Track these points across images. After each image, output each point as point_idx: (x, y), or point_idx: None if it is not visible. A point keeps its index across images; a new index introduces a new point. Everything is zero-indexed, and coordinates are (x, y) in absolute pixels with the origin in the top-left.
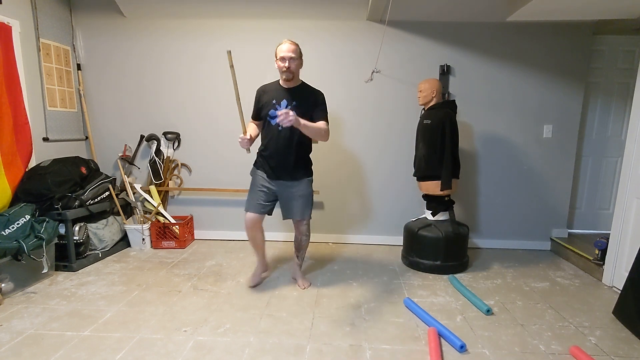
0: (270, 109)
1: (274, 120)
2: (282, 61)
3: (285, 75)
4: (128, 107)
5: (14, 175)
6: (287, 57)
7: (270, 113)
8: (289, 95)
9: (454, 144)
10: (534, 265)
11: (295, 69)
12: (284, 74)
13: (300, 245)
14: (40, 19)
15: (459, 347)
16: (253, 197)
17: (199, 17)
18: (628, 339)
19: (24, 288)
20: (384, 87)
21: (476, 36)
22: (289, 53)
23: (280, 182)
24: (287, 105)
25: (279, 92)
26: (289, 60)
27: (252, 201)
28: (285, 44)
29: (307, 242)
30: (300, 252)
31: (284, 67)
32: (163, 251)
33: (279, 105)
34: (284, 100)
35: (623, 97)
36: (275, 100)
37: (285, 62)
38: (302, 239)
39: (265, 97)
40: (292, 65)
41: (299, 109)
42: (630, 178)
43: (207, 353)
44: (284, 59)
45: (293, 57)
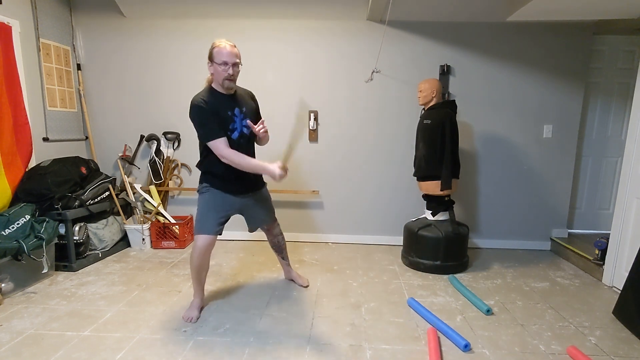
0: (229, 122)
1: (235, 134)
2: (224, 66)
3: (227, 84)
4: (128, 107)
5: (14, 175)
6: (232, 62)
7: (230, 127)
8: (236, 103)
9: (454, 144)
10: (534, 265)
11: (237, 75)
12: (225, 82)
13: (280, 246)
14: (40, 19)
15: (463, 347)
16: (213, 217)
17: (199, 17)
18: (628, 339)
19: (24, 288)
20: (384, 87)
21: (476, 36)
22: (234, 58)
23: (245, 198)
24: (241, 113)
25: (225, 101)
26: (233, 66)
27: (212, 222)
28: (226, 45)
29: (284, 240)
30: (283, 252)
31: (228, 75)
32: (163, 251)
33: (235, 116)
34: (235, 109)
35: (623, 97)
36: (229, 112)
37: (229, 67)
38: (279, 240)
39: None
40: (236, 71)
41: (248, 114)
42: (630, 178)
43: (207, 353)
44: (226, 64)
45: (237, 62)
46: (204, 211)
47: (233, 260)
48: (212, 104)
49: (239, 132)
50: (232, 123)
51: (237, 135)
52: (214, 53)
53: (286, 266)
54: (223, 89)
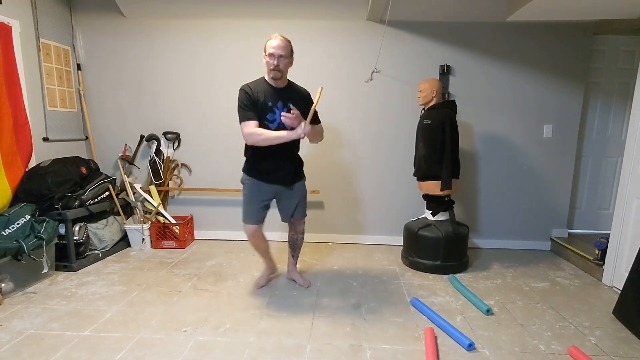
0: (268, 112)
1: (273, 124)
2: (271, 58)
3: (273, 74)
4: (128, 107)
5: (14, 175)
6: (277, 55)
7: (268, 117)
8: (282, 97)
9: (454, 144)
10: (534, 265)
11: (285, 68)
12: (271, 72)
13: (296, 244)
14: (40, 19)
15: (467, 346)
16: (253, 207)
17: (199, 17)
18: (628, 339)
19: (24, 288)
20: (384, 87)
21: (476, 36)
22: (279, 50)
23: (280, 187)
24: (284, 107)
25: (271, 93)
26: (279, 58)
27: (252, 212)
28: (276, 39)
29: (302, 240)
30: (296, 251)
31: (272, 65)
32: (163, 251)
33: (276, 108)
34: (279, 102)
35: (623, 97)
36: (271, 102)
37: (275, 59)
38: (298, 238)
39: (258, 97)
40: (281, 63)
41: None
42: (630, 178)
43: (207, 353)
44: (272, 56)
45: (282, 56)
46: (245, 203)
47: (234, 260)
48: (255, 91)
49: (278, 123)
50: (272, 114)
51: (276, 126)
52: (265, 45)
53: (292, 265)
54: (271, 79)
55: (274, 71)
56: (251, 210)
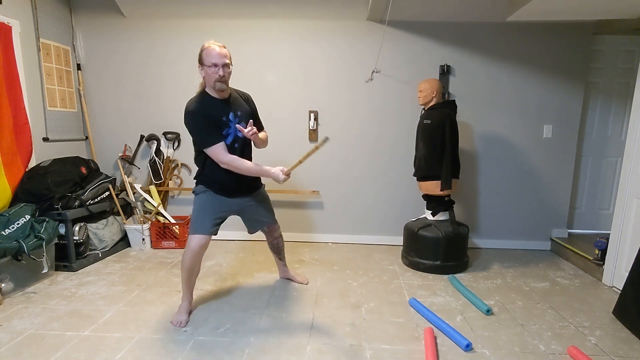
0: (224, 128)
1: (229, 139)
2: (214, 68)
3: (219, 85)
4: (128, 107)
5: (14, 175)
6: (221, 64)
7: (224, 133)
8: (230, 108)
9: (454, 144)
10: (534, 265)
11: (229, 77)
12: (217, 84)
13: (278, 247)
14: (40, 19)
15: (465, 346)
16: (209, 217)
17: (199, 17)
18: (628, 339)
19: (24, 288)
20: (384, 87)
21: (476, 36)
22: (224, 59)
23: (242, 200)
24: (235, 118)
25: (220, 106)
26: (223, 67)
27: (207, 222)
28: (215, 46)
29: (283, 242)
30: (280, 253)
31: (218, 76)
32: (163, 251)
33: (229, 120)
34: (230, 114)
35: (623, 97)
36: (224, 117)
37: (219, 69)
38: (278, 242)
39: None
40: (226, 72)
41: (243, 118)
42: (630, 178)
43: (207, 353)
44: (216, 66)
45: (227, 64)
46: (199, 212)
47: (233, 260)
48: (206, 109)
49: (232, 136)
50: (227, 128)
51: (231, 140)
52: (203, 55)
53: (282, 266)
54: (215, 92)
55: (219, 82)
56: (208, 218)
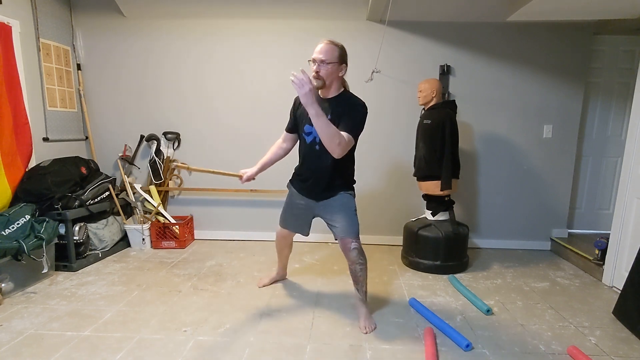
0: (305, 123)
1: (309, 137)
2: (312, 63)
3: (317, 83)
4: (128, 107)
5: (14, 175)
6: (317, 60)
7: (305, 129)
8: (325, 107)
9: (454, 144)
10: (534, 265)
11: (327, 75)
12: (314, 82)
13: (355, 276)
14: (40, 19)
15: (465, 346)
16: (285, 212)
17: (199, 17)
18: (628, 339)
19: (24, 288)
20: (384, 87)
21: (476, 36)
22: (320, 55)
23: (310, 201)
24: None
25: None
26: (319, 63)
27: (283, 216)
28: (320, 43)
29: (362, 270)
30: (357, 284)
31: (314, 72)
32: (163, 251)
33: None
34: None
35: (623, 97)
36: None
37: (314, 65)
38: (355, 269)
39: (300, 108)
40: (321, 70)
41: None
42: (630, 178)
43: (207, 353)
44: (313, 61)
45: (323, 60)
46: (284, 205)
47: (233, 260)
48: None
49: (313, 137)
50: (308, 125)
51: (311, 140)
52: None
53: (358, 300)
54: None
55: (314, 79)
56: (283, 212)
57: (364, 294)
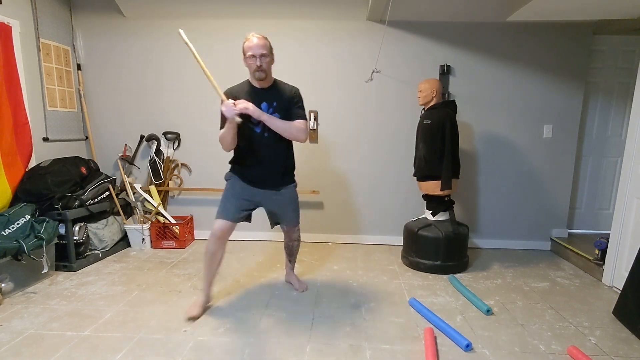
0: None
1: (258, 127)
2: (252, 59)
3: (258, 74)
4: (128, 107)
5: (14, 175)
6: (258, 54)
7: (252, 120)
8: (265, 97)
9: (454, 144)
10: (534, 265)
11: (268, 67)
12: (255, 74)
13: (292, 250)
14: (40, 19)
15: (465, 346)
16: (231, 203)
17: (199, 17)
18: (628, 339)
19: (24, 288)
20: (384, 87)
21: (476, 36)
22: (260, 49)
23: (266, 192)
24: (269, 108)
25: (254, 94)
26: (260, 57)
27: (229, 207)
28: (254, 38)
29: (298, 246)
30: (292, 256)
31: (255, 66)
32: (163, 251)
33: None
34: (263, 103)
35: (623, 97)
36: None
37: (256, 60)
38: (293, 245)
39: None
40: (264, 63)
41: (280, 110)
42: (630, 178)
43: (207, 353)
44: (254, 57)
45: (264, 54)
46: (224, 198)
47: (233, 260)
48: (236, 94)
49: (263, 126)
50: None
51: (261, 129)
52: (244, 47)
53: (289, 269)
54: (255, 81)
55: (258, 72)
56: (228, 204)
57: (294, 264)
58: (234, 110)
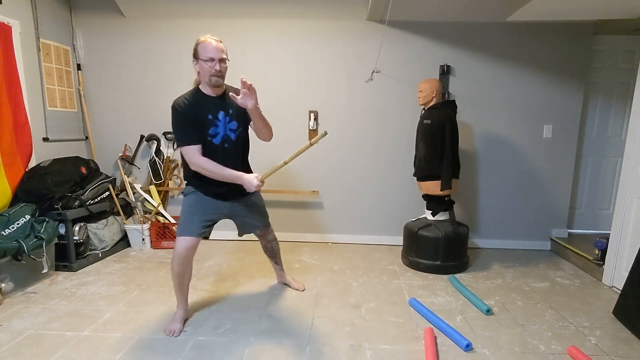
0: (210, 126)
1: (217, 138)
2: (211, 62)
3: (215, 80)
4: (128, 107)
5: (14, 175)
6: (218, 58)
7: (210, 132)
8: (221, 106)
9: (454, 144)
10: (534, 265)
11: (225, 73)
12: (212, 79)
13: (273, 251)
14: (40, 19)
15: (465, 346)
16: (197, 219)
17: (199, 17)
18: (628, 339)
19: (24, 288)
20: (384, 87)
21: (476, 36)
22: (220, 53)
23: (233, 203)
24: (226, 117)
25: (210, 103)
26: (219, 61)
27: (195, 224)
28: (212, 40)
29: (277, 245)
30: (276, 257)
31: (214, 71)
32: (163, 251)
33: (217, 120)
34: (220, 113)
35: (623, 97)
36: (211, 115)
37: (216, 63)
38: (273, 245)
39: (196, 114)
40: (223, 67)
41: (236, 116)
42: (630, 178)
43: (207, 353)
44: (212, 60)
45: (223, 59)
46: (187, 213)
47: (233, 260)
48: (192, 107)
49: (221, 137)
50: (214, 127)
51: (220, 140)
52: (198, 49)
53: (279, 270)
54: (210, 87)
55: (215, 77)
56: (196, 219)
57: (281, 263)
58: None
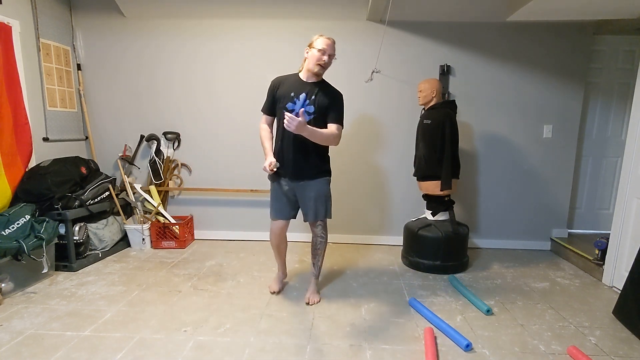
0: (287, 102)
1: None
2: (322, 53)
3: (318, 69)
4: (128, 107)
5: (14, 175)
6: (328, 52)
7: (287, 106)
8: (309, 90)
9: (454, 144)
10: (534, 265)
11: (327, 67)
12: (316, 67)
13: (315, 248)
14: (40, 19)
15: (465, 346)
16: (277, 202)
17: (199, 16)
18: (628, 339)
19: (24, 288)
20: (384, 87)
21: (476, 36)
22: (332, 49)
23: (298, 183)
24: (306, 99)
25: (299, 85)
26: (329, 56)
27: (276, 207)
28: (328, 39)
29: (322, 244)
30: (316, 257)
31: (321, 60)
32: (163, 251)
33: (297, 98)
34: (302, 93)
35: (623, 97)
36: (293, 93)
37: (325, 55)
38: (317, 241)
39: (282, 88)
40: (328, 61)
41: (316, 105)
42: (630, 178)
43: (207, 353)
44: (324, 52)
45: (332, 55)
46: (270, 199)
47: (234, 260)
48: (280, 82)
49: (296, 114)
50: (291, 104)
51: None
52: (315, 40)
53: (311, 274)
54: (312, 74)
55: (318, 66)
56: (274, 203)
57: (318, 270)
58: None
